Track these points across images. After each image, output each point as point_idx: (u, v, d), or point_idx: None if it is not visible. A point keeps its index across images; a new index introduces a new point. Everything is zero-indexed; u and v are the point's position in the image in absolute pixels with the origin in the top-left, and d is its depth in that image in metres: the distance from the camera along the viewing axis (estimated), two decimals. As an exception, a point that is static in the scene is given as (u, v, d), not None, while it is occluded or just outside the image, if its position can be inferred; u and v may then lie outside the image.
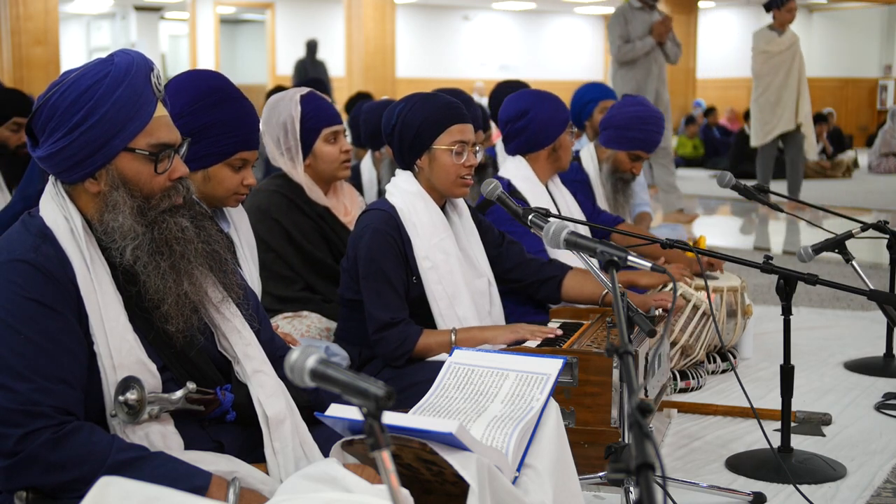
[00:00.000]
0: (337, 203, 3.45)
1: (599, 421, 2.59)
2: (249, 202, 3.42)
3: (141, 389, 1.75)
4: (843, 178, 13.52)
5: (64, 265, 1.76)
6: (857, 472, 2.96)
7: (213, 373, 1.92)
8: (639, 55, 8.00)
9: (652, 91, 8.08)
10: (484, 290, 3.00)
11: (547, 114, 3.75)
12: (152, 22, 20.61)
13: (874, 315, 4.95)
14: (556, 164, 3.80)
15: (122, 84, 1.78)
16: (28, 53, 10.67)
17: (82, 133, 1.77)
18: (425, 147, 2.88)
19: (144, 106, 1.81)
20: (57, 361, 1.71)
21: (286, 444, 1.90)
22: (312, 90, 3.41)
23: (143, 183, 1.83)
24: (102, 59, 1.83)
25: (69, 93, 1.77)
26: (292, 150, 3.30)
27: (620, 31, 8.01)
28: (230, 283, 1.95)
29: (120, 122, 1.78)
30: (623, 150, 4.22)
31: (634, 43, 7.97)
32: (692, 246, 3.34)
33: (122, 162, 1.81)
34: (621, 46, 7.99)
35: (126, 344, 1.77)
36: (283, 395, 1.94)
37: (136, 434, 1.77)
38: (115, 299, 1.79)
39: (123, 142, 1.80)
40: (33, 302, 1.72)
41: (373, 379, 1.33)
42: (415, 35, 20.89)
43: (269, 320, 2.15)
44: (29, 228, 1.80)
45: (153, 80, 1.83)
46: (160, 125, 1.84)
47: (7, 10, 10.72)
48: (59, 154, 1.78)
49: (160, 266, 1.82)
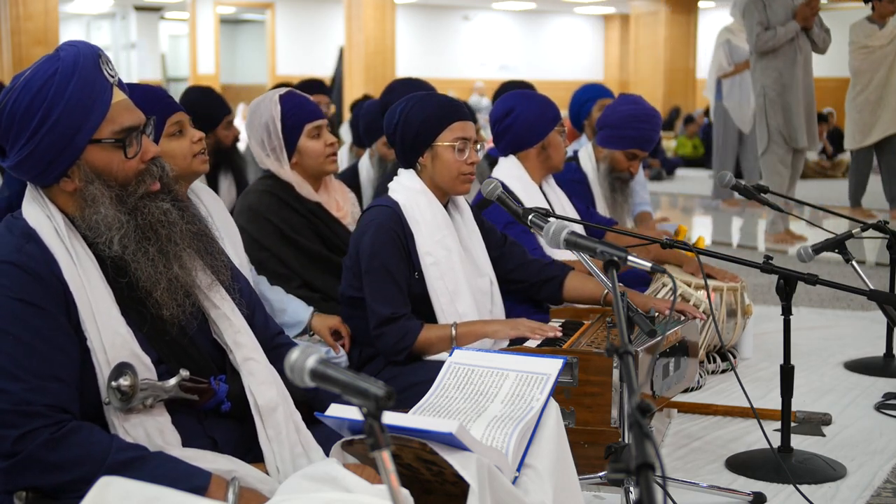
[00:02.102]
0: (329, 198, 3.46)
1: (599, 421, 2.59)
2: (240, 203, 3.43)
3: (134, 375, 1.74)
4: (843, 178, 13.51)
5: (50, 264, 1.75)
6: (857, 472, 2.96)
7: (206, 363, 1.91)
8: (781, 43, 7.11)
9: (798, 83, 7.17)
10: (486, 289, 3.01)
11: (533, 112, 3.75)
12: (152, 22, 20.62)
13: (874, 315, 4.95)
14: (547, 164, 3.78)
15: (72, 78, 1.76)
16: (28, 53, 10.67)
17: (44, 135, 1.75)
18: (427, 144, 2.89)
19: (100, 94, 1.79)
20: (48, 360, 1.70)
21: (280, 432, 1.89)
22: (292, 89, 3.42)
23: (116, 171, 1.82)
24: (49, 56, 1.81)
25: (22, 97, 1.76)
26: (277, 150, 3.31)
27: (759, 16, 7.12)
28: (217, 266, 1.94)
29: (79, 116, 1.76)
30: (619, 149, 4.22)
31: (776, 29, 7.07)
32: (692, 246, 3.33)
33: (91, 155, 1.80)
34: (761, 34, 7.10)
35: (119, 338, 1.77)
36: (274, 383, 1.93)
37: (134, 428, 1.77)
38: (105, 294, 1.79)
39: (87, 135, 1.78)
40: (20, 302, 1.71)
41: (373, 379, 1.33)
42: (415, 35, 20.90)
43: (262, 304, 2.14)
44: (12, 230, 1.80)
45: (103, 66, 1.81)
46: (120, 110, 1.82)
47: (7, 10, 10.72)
48: (28, 161, 1.78)
49: (148, 252, 1.81)
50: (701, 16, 18.87)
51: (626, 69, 20.75)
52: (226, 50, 21.35)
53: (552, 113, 3.79)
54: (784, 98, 7.18)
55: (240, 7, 20.88)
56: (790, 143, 7.25)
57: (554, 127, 3.76)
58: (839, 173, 13.55)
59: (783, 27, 7.08)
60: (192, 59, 19.05)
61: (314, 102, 3.40)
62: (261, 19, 21.42)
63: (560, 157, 3.79)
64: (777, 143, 7.26)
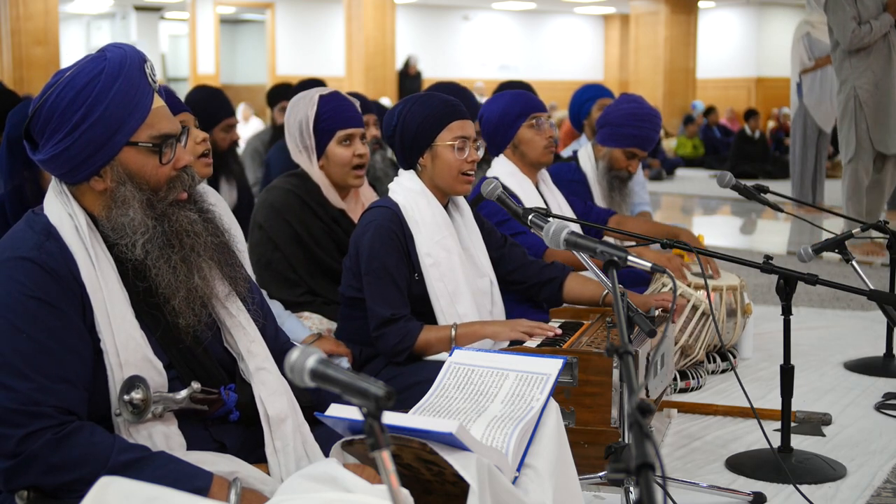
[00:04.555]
0: (355, 206, 3.42)
1: (599, 421, 2.59)
2: (262, 197, 3.41)
3: (146, 389, 1.75)
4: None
5: (68, 262, 1.75)
6: (857, 472, 2.96)
7: (217, 372, 1.91)
8: (876, 38, 6.50)
9: (893, 82, 6.63)
10: (486, 289, 3.01)
11: (496, 113, 3.76)
12: (152, 22, 20.62)
13: (874, 315, 4.95)
14: (525, 161, 3.75)
15: (118, 79, 1.77)
16: (28, 53, 10.68)
17: (83, 132, 1.76)
18: (427, 145, 2.89)
19: (142, 98, 1.80)
20: (59, 360, 1.70)
21: (287, 444, 1.90)
22: (336, 91, 3.40)
23: (150, 175, 1.82)
24: (94, 56, 1.81)
25: (66, 93, 1.76)
26: (308, 148, 3.31)
27: (852, 10, 6.48)
28: (236, 277, 1.95)
29: (120, 117, 1.77)
30: (618, 147, 4.22)
31: (870, 24, 6.45)
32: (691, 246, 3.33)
33: (126, 156, 1.80)
34: (856, 30, 6.45)
35: (133, 341, 1.77)
36: (285, 393, 1.94)
37: (140, 434, 1.77)
38: (121, 297, 1.79)
39: (126, 136, 1.79)
40: (36, 300, 1.71)
41: (373, 379, 1.33)
42: (415, 35, 20.89)
43: (273, 315, 2.15)
44: (33, 226, 1.80)
45: (147, 71, 1.82)
46: (160, 116, 1.84)
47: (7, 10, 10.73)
48: (62, 155, 1.78)
49: (171, 259, 1.82)
50: (701, 16, 18.87)
51: (626, 69, 20.75)
52: (226, 50, 21.35)
53: (518, 109, 3.74)
54: (877, 99, 6.58)
55: (240, 7, 20.87)
56: (878, 148, 6.63)
57: (521, 123, 3.72)
58: (839, 173, 13.53)
59: (877, 21, 6.47)
60: (192, 59, 19.04)
61: (355, 109, 3.37)
62: (261, 19, 21.41)
63: (536, 152, 3.73)
64: (865, 150, 6.65)
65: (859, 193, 6.67)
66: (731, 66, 20.97)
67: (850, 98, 6.64)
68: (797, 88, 9.06)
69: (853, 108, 6.62)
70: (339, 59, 17.27)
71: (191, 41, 19.21)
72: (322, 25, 20.22)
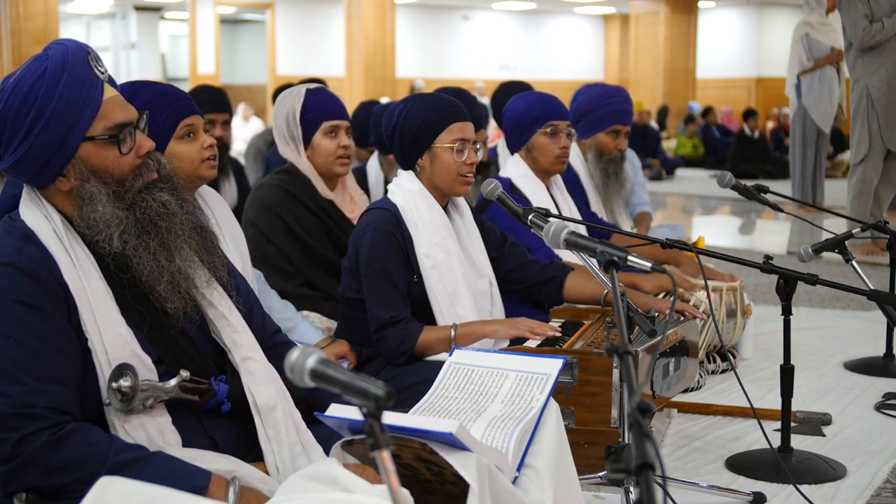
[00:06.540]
0: (343, 197, 3.49)
1: (599, 421, 2.59)
2: (252, 196, 3.47)
3: (134, 377, 1.75)
4: (843, 178, 13.51)
5: (49, 265, 1.75)
6: (857, 472, 2.96)
7: (207, 363, 1.91)
8: (889, 36, 6.47)
9: None
10: (485, 290, 3.00)
11: (516, 112, 3.75)
12: (152, 22, 20.61)
13: (874, 315, 4.95)
14: (536, 166, 3.74)
15: (62, 76, 1.76)
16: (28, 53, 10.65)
17: (37, 135, 1.75)
18: (426, 146, 2.88)
19: (91, 91, 1.79)
20: (48, 362, 1.70)
21: (279, 431, 1.89)
22: (322, 86, 3.49)
23: (112, 167, 1.81)
24: (37, 56, 1.81)
25: (13, 99, 1.76)
26: (296, 139, 3.39)
27: (864, 8, 6.50)
28: (214, 262, 1.93)
29: (71, 114, 1.76)
30: (600, 131, 4.22)
31: (883, 21, 6.43)
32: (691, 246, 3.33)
33: (86, 153, 1.79)
34: (867, 27, 6.44)
35: (120, 338, 1.77)
36: (273, 381, 1.93)
37: (135, 429, 1.77)
38: (105, 294, 1.79)
39: (80, 132, 1.78)
40: (20, 304, 1.71)
41: (373, 379, 1.33)
42: (415, 35, 20.89)
43: (260, 302, 2.14)
44: (10, 232, 1.79)
45: (92, 63, 1.81)
46: (112, 106, 1.82)
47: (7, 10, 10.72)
48: (23, 161, 1.77)
49: (150, 245, 1.81)
50: (701, 16, 18.87)
51: (626, 69, 20.74)
52: (226, 50, 21.35)
53: (535, 113, 3.71)
54: (889, 97, 6.53)
55: (240, 7, 20.87)
56: (888, 146, 6.58)
57: (536, 128, 3.70)
58: (839, 173, 13.55)
59: (889, 19, 6.47)
60: (192, 59, 19.04)
61: (341, 104, 3.46)
62: (261, 19, 21.41)
63: (547, 160, 3.71)
64: (877, 150, 6.59)
65: (867, 193, 6.63)
66: (731, 66, 20.96)
67: (863, 97, 6.59)
68: (795, 89, 9.06)
69: (865, 106, 6.58)
70: (339, 59, 17.25)
71: (191, 41, 19.21)
72: (322, 25, 20.22)
